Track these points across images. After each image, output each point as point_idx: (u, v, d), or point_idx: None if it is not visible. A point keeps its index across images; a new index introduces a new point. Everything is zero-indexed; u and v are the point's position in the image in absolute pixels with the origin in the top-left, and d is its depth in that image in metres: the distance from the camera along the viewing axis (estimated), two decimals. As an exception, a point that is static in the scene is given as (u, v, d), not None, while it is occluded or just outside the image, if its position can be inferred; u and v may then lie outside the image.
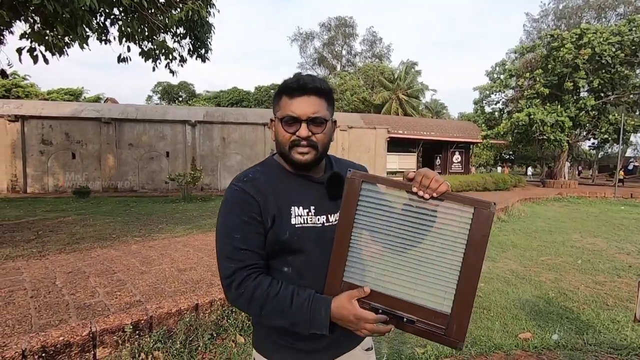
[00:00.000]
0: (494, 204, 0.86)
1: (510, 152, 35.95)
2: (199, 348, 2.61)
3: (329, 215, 1.00)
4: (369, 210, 0.91)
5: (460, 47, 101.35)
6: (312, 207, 0.98)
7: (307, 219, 0.97)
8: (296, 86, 0.94)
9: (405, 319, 0.89)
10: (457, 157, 24.46)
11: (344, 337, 1.02)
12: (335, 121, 1.03)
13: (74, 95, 26.25)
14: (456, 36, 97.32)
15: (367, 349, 1.12)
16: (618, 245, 6.51)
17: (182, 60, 6.29)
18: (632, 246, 6.41)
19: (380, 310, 0.90)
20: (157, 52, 5.93)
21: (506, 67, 20.17)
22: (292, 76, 0.98)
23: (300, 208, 0.97)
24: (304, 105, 0.94)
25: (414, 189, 0.87)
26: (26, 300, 2.97)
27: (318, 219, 0.98)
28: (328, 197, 1.00)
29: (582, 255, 5.75)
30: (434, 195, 0.86)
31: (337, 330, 0.93)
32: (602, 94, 18.32)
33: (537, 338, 2.95)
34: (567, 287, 4.23)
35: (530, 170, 29.60)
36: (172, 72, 6.23)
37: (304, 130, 0.94)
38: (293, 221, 0.95)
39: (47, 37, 4.46)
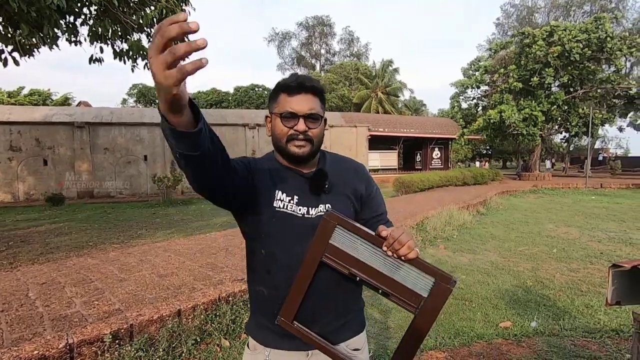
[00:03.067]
0: (456, 281, 0.87)
1: (487, 147, 36.97)
2: (183, 354, 2.56)
3: (310, 208, 1.06)
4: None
5: (438, 45, 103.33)
6: (295, 197, 1.05)
7: (287, 205, 1.04)
8: (295, 85, 1.02)
9: (380, 291, 0.92)
10: (436, 153, 24.94)
11: (331, 329, 1.05)
12: (326, 119, 1.10)
13: (41, 96, 24.95)
14: (434, 34, 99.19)
15: (355, 349, 1.10)
16: (590, 233, 6.80)
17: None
18: (603, 234, 6.71)
19: (358, 279, 0.93)
20: (132, 52, 5.76)
21: (480, 63, 20.66)
22: (289, 76, 1.06)
23: (284, 194, 1.04)
24: (302, 102, 1.01)
25: (384, 248, 0.90)
26: (-3, 314, 2.83)
27: (299, 209, 1.05)
28: (310, 191, 1.06)
29: (557, 244, 5.98)
30: (402, 259, 0.89)
31: (322, 324, 1.01)
32: (572, 89, 19.08)
33: (516, 326, 3.04)
34: (544, 275, 4.38)
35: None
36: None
37: (301, 125, 1.01)
38: (275, 204, 1.03)
39: (13, 38, 4.25)
